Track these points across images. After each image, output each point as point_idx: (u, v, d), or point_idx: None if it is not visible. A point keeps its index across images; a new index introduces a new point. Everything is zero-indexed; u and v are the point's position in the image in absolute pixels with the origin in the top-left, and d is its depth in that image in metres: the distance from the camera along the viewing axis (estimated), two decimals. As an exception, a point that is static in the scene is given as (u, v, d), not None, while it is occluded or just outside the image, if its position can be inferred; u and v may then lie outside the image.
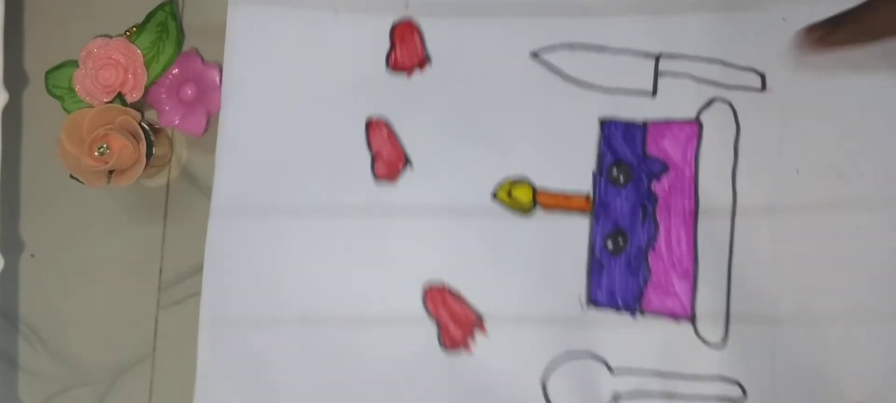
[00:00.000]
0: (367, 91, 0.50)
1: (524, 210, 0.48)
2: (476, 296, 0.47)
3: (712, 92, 0.48)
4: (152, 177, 0.52)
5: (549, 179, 0.48)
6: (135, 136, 0.48)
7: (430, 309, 0.48)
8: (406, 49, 0.50)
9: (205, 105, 0.51)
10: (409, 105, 0.49)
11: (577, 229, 0.48)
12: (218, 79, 0.51)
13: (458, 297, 0.48)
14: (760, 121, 0.47)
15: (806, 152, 0.47)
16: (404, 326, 0.47)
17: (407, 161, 0.49)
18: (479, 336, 0.47)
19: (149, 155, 0.48)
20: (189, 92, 0.51)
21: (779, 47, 0.47)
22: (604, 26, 0.49)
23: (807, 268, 0.46)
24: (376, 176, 0.49)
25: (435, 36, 0.50)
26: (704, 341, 0.46)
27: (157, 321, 0.50)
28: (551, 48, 0.49)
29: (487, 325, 0.47)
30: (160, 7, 0.52)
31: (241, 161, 0.49)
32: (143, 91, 0.50)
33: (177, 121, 0.51)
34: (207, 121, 0.51)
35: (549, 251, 0.48)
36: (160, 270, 0.51)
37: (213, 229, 0.48)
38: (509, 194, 0.48)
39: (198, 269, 0.50)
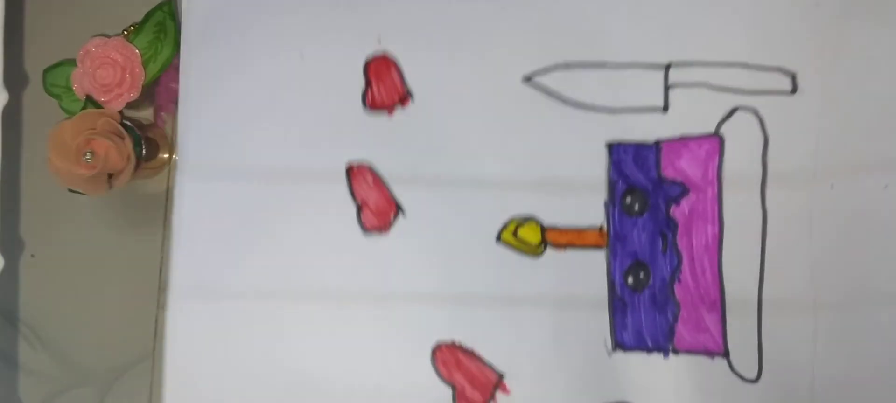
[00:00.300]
0: (344, 135, 0.45)
1: (533, 250, 0.44)
2: (492, 353, 0.43)
3: (734, 100, 0.43)
4: (151, 177, 0.51)
5: (558, 214, 0.44)
6: (119, 136, 0.47)
7: (443, 374, 0.44)
8: (384, 86, 0.45)
9: None
10: (393, 146, 0.45)
11: (594, 266, 0.43)
12: None
13: (473, 356, 0.44)
14: (792, 128, 0.42)
15: (847, 159, 0.42)
16: (414, 394, 0.44)
17: (398, 208, 0.44)
18: (500, 397, 0.43)
19: (139, 151, 0.47)
20: None
21: (813, 39, 0.42)
22: (603, 39, 0.43)
23: (848, 292, 0.42)
24: (364, 227, 0.44)
25: (414, 69, 0.45)
26: (740, 377, 0.42)
27: (157, 321, 0.50)
28: (545, 70, 0.44)
29: (509, 384, 0.43)
30: (159, 7, 0.50)
31: (203, 224, 0.45)
32: (140, 90, 0.49)
33: None
34: None
35: (566, 293, 0.43)
36: (160, 270, 0.50)
37: (173, 317, 0.45)
38: (515, 235, 0.44)
39: (197, 269, 0.50)
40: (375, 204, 0.44)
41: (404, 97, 0.45)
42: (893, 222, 0.41)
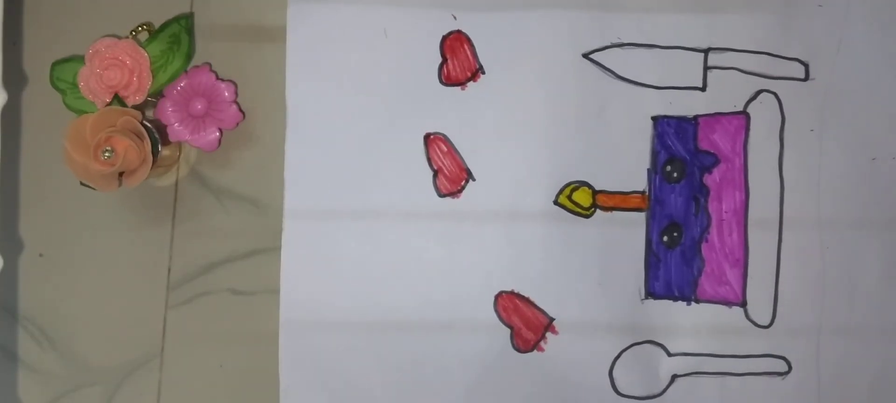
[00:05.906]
0: (422, 107, 0.49)
1: (585, 212, 0.49)
2: (545, 300, 0.49)
3: (759, 84, 0.49)
4: (161, 176, 0.51)
5: (606, 180, 0.49)
6: (138, 136, 0.47)
7: (503, 316, 0.49)
8: (458, 61, 0.49)
9: (216, 120, 0.50)
10: (465, 117, 0.49)
11: (635, 226, 0.50)
12: (229, 95, 0.50)
13: (528, 303, 0.49)
14: (804, 110, 0.49)
15: (847, 138, 0.49)
16: (478, 332, 0.49)
17: (469, 175, 0.49)
18: (550, 337, 0.50)
19: (155, 152, 0.48)
20: (199, 106, 0.50)
21: (820, 36, 0.49)
22: (653, 24, 0.49)
23: (852, 250, 0.49)
24: (439, 191, 0.49)
25: (486, 46, 0.49)
26: (754, 323, 0.50)
27: (165, 320, 0.51)
28: (602, 48, 0.49)
29: (557, 326, 0.50)
30: (176, 19, 0.50)
31: (309, 169, 0.49)
32: (145, 95, 0.49)
33: (187, 136, 0.49)
34: (220, 137, 0.50)
35: (610, 249, 0.49)
36: (169, 270, 0.51)
37: (288, 233, 0.49)
38: (570, 198, 0.49)
39: (206, 269, 0.51)
40: (449, 171, 0.49)
41: (476, 72, 0.49)
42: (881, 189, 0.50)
